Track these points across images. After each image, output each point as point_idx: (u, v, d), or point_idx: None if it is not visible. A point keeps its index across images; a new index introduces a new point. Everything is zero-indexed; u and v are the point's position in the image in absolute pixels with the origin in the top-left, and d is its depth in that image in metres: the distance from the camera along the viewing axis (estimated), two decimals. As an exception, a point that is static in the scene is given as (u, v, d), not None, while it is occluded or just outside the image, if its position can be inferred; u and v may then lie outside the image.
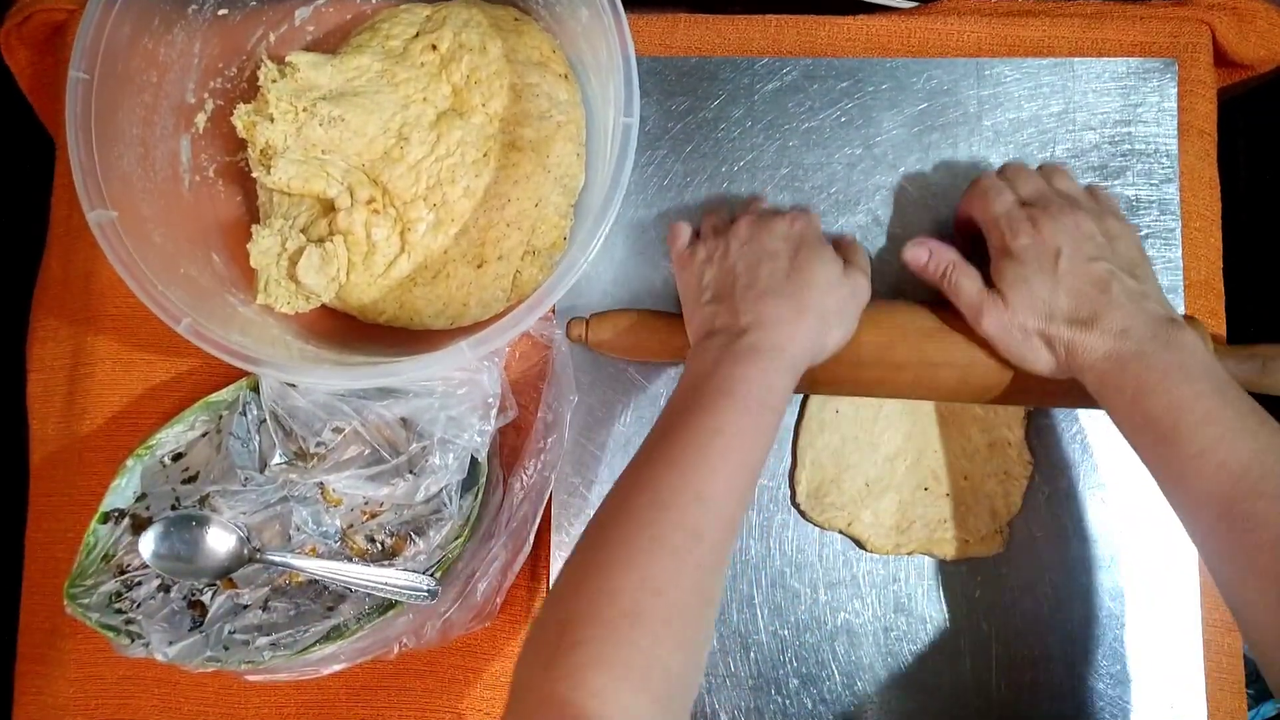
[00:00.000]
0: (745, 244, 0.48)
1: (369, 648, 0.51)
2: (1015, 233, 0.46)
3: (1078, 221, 0.46)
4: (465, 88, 0.54)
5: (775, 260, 0.46)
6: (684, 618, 0.37)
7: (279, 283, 0.52)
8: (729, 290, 0.46)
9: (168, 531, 0.50)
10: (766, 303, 0.45)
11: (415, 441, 0.51)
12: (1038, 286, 0.45)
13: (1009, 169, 0.51)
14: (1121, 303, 0.44)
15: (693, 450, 0.40)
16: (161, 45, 0.51)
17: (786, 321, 0.44)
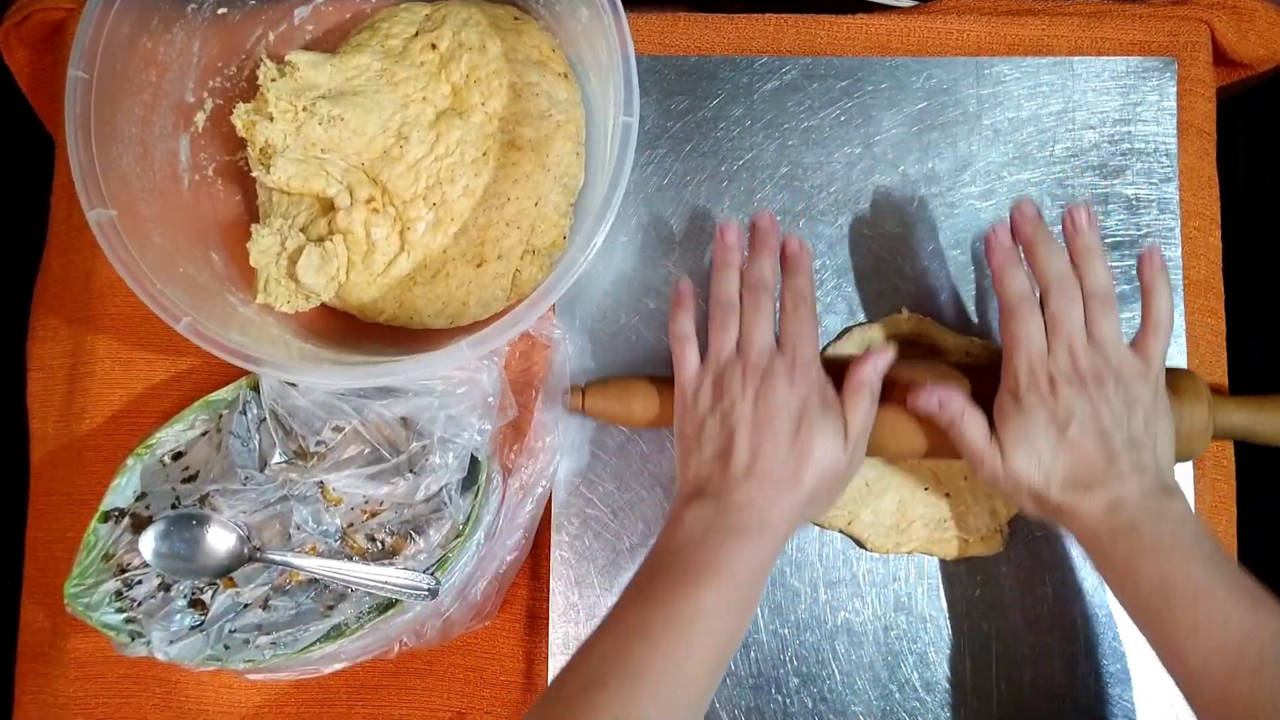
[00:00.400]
0: (750, 406, 0.45)
1: (369, 646, 0.51)
2: (1032, 389, 0.44)
3: (1105, 394, 0.44)
4: (464, 87, 0.54)
5: (777, 436, 0.44)
6: None
7: (279, 282, 0.52)
8: (727, 455, 0.45)
9: (168, 530, 0.50)
10: (764, 484, 0.44)
11: (415, 440, 0.51)
12: (1040, 446, 0.44)
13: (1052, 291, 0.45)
14: (1122, 474, 0.43)
15: (675, 626, 0.41)
16: (161, 44, 0.51)
17: (780, 501, 0.44)
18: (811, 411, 0.45)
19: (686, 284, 0.51)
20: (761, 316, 0.47)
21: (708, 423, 0.46)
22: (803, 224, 0.56)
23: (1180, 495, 0.44)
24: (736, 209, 0.56)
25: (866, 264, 0.56)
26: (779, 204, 0.56)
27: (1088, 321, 0.45)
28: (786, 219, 0.56)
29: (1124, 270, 0.55)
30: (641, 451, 0.55)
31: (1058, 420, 0.44)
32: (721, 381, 0.47)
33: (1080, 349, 0.44)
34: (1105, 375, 0.44)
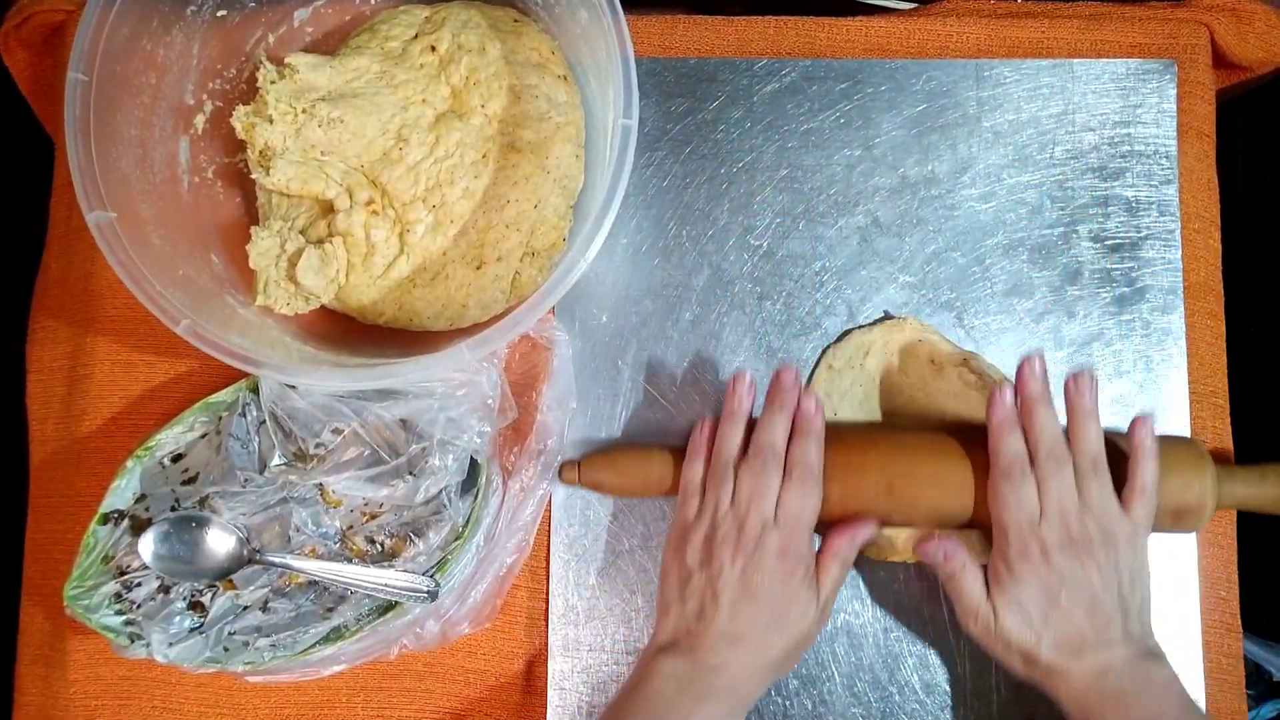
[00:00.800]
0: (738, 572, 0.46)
1: (369, 649, 0.51)
2: (1024, 561, 0.45)
3: (1094, 561, 0.45)
4: (464, 89, 0.54)
5: (759, 608, 0.46)
6: None
7: (278, 284, 0.52)
8: (709, 617, 0.46)
9: (167, 533, 0.50)
10: (740, 651, 0.46)
11: (415, 443, 0.51)
12: (1031, 612, 0.45)
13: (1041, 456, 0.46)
14: (1111, 642, 0.44)
15: None
16: (160, 46, 0.51)
17: (754, 667, 0.46)
18: (795, 586, 0.47)
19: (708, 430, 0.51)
20: (763, 484, 0.48)
21: (694, 579, 0.47)
22: (802, 226, 0.56)
23: (1164, 660, 0.45)
24: (736, 211, 0.56)
25: (866, 266, 0.56)
26: (778, 206, 0.56)
27: (1078, 482, 0.46)
28: (786, 221, 0.56)
29: (1124, 272, 0.55)
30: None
31: (1049, 588, 0.45)
32: (712, 543, 0.48)
33: (1071, 514, 0.45)
34: (1095, 541, 0.45)
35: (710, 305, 0.56)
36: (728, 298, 0.56)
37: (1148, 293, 0.55)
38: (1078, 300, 0.55)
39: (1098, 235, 0.56)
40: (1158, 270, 0.55)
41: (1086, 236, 0.56)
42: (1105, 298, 0.55)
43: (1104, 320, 0.55)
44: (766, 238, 0.56)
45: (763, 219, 0.56)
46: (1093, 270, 0.55)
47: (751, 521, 0.47)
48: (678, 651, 0.46)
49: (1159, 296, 0.55)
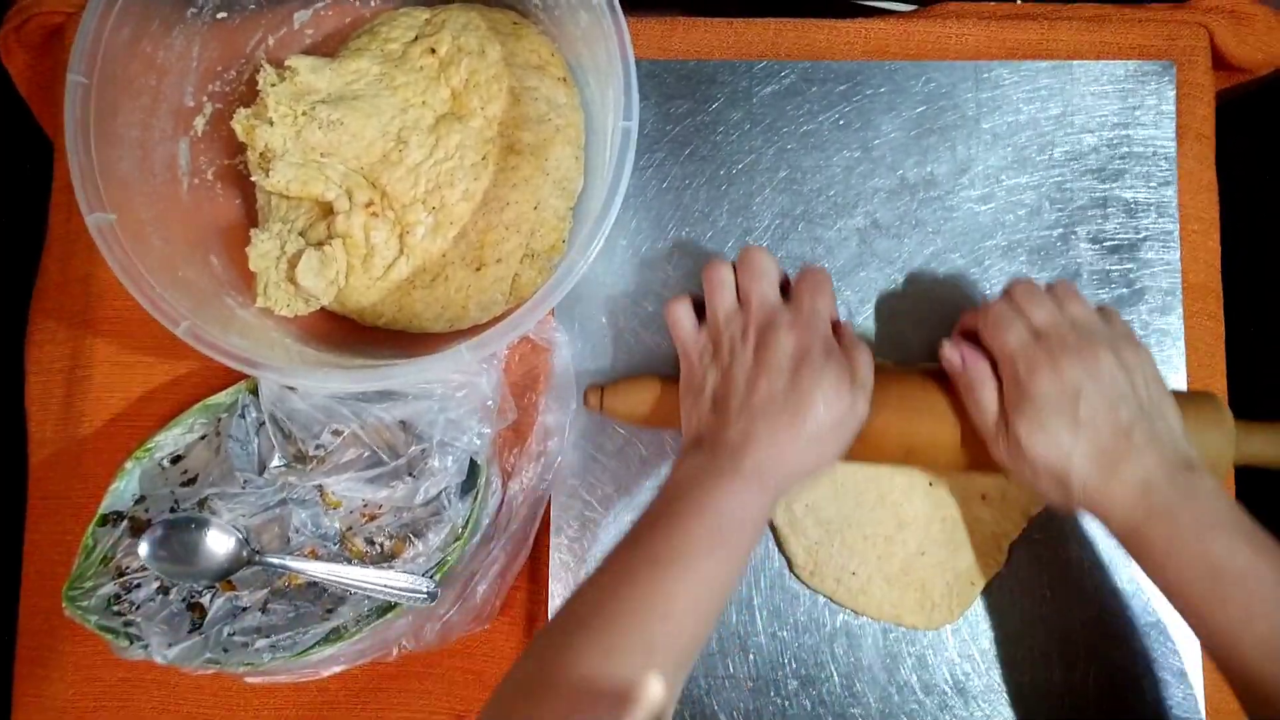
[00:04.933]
0: (750, 355, 0.45)
1: (368, 650, 0.51)
2: (1033, 372, 0.43)
3: (1097, 357, 0.43)
4: (464, 91, 0.54)
5: (777, 379, 0.44)
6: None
7: (278, 285, 0.52)
8: (725, 402, 0.44)
9: (167, 534, 0.50)
10: (758, 425, 0.43)
11: (414, 444, 0.51)
12: (1056, 433, 0.43)
13: (1017, 293, 0.47)
14: (1141, 448, 0.42)
15: (656, 567, 0.40)
16: (160, 48, 0.51)
17: (775, 444, 0.43)
18: (813, 357, 0.44)
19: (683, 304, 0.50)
20: (761, 276, 0.47)
21: (708, 373, 0.46)
22: (801, 227, 0.56)
23: (1205, 471, 0.43)
24: (735, 213, 0.56)
25: (865, 268, 0.56)
26: (778, 207, 0.56)
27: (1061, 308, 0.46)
28: (785, 222, 0.56)
29: (1123, 274, 0.55)
30: (641, 455, 0.55)
31: (1066, 399, 0.43)
32: (720, 337, 0.46)
33: (1062, 324, 0.45)
34: (1095, 342, 0.44)
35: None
36: (727, 299, 0.56)
37: (1146, 294, 0.55)
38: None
39: (1096, 237, 0.56)
40: (1156, 272, 0.55)
41: (1085, 238, 0.56)
42: (1104, 299, 0.55)
43: (1103, 322, 0.55)
44: (766, 239, 0.56)
45: (762, 220, 0.56)
46: (1092, 271, 0.55)
47: (756, 303, 0.46)
48: (701, 445, 0.44)
49: (1158, 298, 0.55)
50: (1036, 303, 0.46)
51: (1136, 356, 0.45)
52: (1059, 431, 0.43)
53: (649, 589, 0.40)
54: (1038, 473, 0.44)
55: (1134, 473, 0.42)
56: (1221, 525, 0.41)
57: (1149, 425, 0.43)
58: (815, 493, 0.53)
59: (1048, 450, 0.43)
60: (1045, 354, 0.44)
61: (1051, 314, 0.45)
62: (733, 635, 0.53)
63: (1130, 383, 0.44)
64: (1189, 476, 0.42)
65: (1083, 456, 0.43)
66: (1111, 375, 0.43)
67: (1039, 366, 0.43)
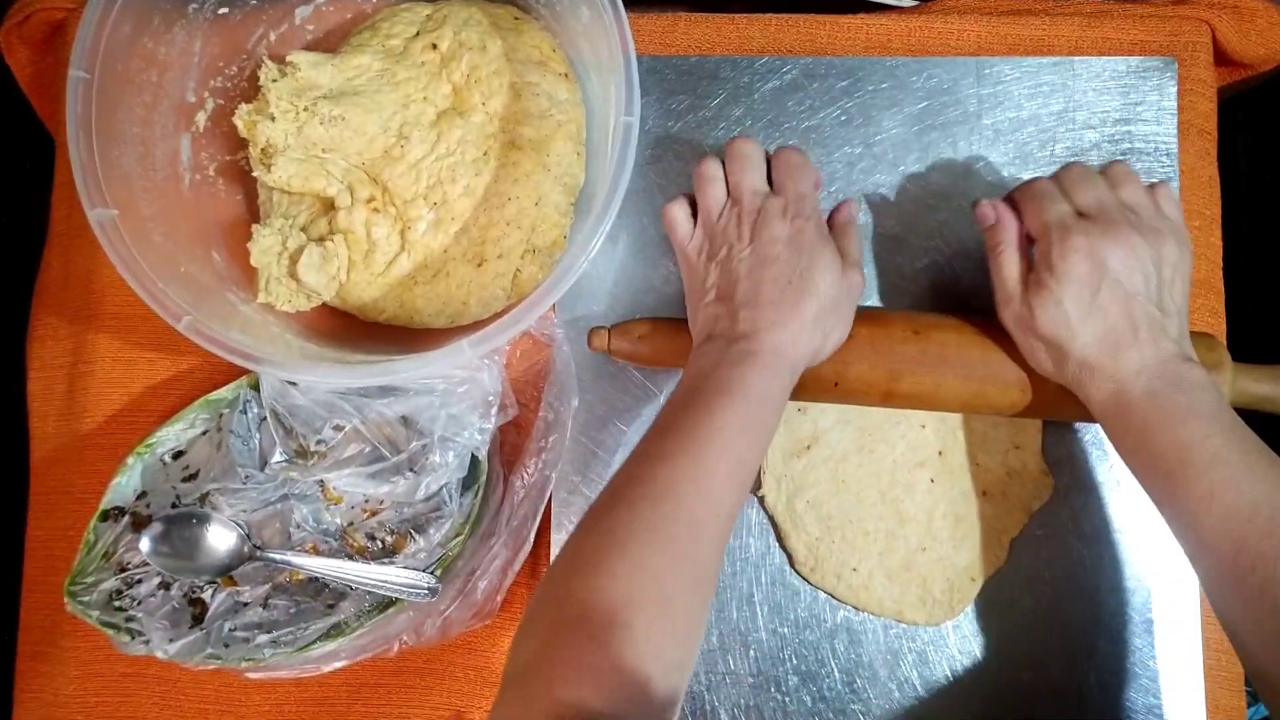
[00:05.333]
0: (747, 247, 0.46)
1: (369, 645, 0.51)
2: (1065, 247, 0.44)
3: (1132, 246, 0.43)
4: (465, 86, 0.54)
5: (776, 265, 0.45)
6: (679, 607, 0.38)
7: (280, 281, 0.52)
8: (730, 294, 0.46)
9: (168, 529, 0.50)
10: (766, 310, 0.45)
11: (415, 439, 0.51)
12: (1069, 309, 0.44)
13: (1067, 175, 0.47)
14: (1144, 341, 0.43)
15: (692, 446, 0.41)
16: (162, 44, 0.51)
17: (785, 326, 0.44)
18: (808, 241, 0.46)
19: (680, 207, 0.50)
20: (748, 164, 0.48)
21: (710, 272, 0.47)
22: (803, 224, 0.56)
23: (1198, 365, 0.43)
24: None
25: (866, 265, 0.56)
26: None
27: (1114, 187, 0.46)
28: (787, 219, 0.56)
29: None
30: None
31: (1091, 281, 0.43)
32: (715, 232, 0.47)
33: (1111, 205, 0.45)
34: (1142, 224, 0.44)
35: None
36: (728, 295, 0.56)
37: (1148, 290, 0.55)
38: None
39: (1098, 233, 0.55)
40: (1158, 268, 0.55)
41: (1087, 234, 0.55)
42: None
43: (1104, 318, 0.55)
44: (767, 235, 0.56)
45: (763, 217, 0.56)
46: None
47: (747, 195, 0.47)
48: (710, 339, 0.45)
49: (1159, 294, 0.55)
50: (1088, 185, 0.46)
51: (1177, 252, 0.44)
52: (1072, 310, 0.44)
53: (687, 467, 0.40)
54: (1039, 340, 0.45)
55: (1131, 360, 0.43)
56: (1200, 414, 0.41)
57: (1160, 322, 0.44)
58: (816, 488, 0.53)
59: (1056, 325, 0.44)
60: (1083, 234, 0.44)
61: (1101, 195, 0.45)
62: (733, 631, 0.53)
63: (1158, 281, 0.44)
64: (1181, 367, 0.43)
65: (1088, 337, 0.43)
66: (1143, 269, 0.44)
67: (1074, 245, 0.44)
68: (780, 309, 0.45)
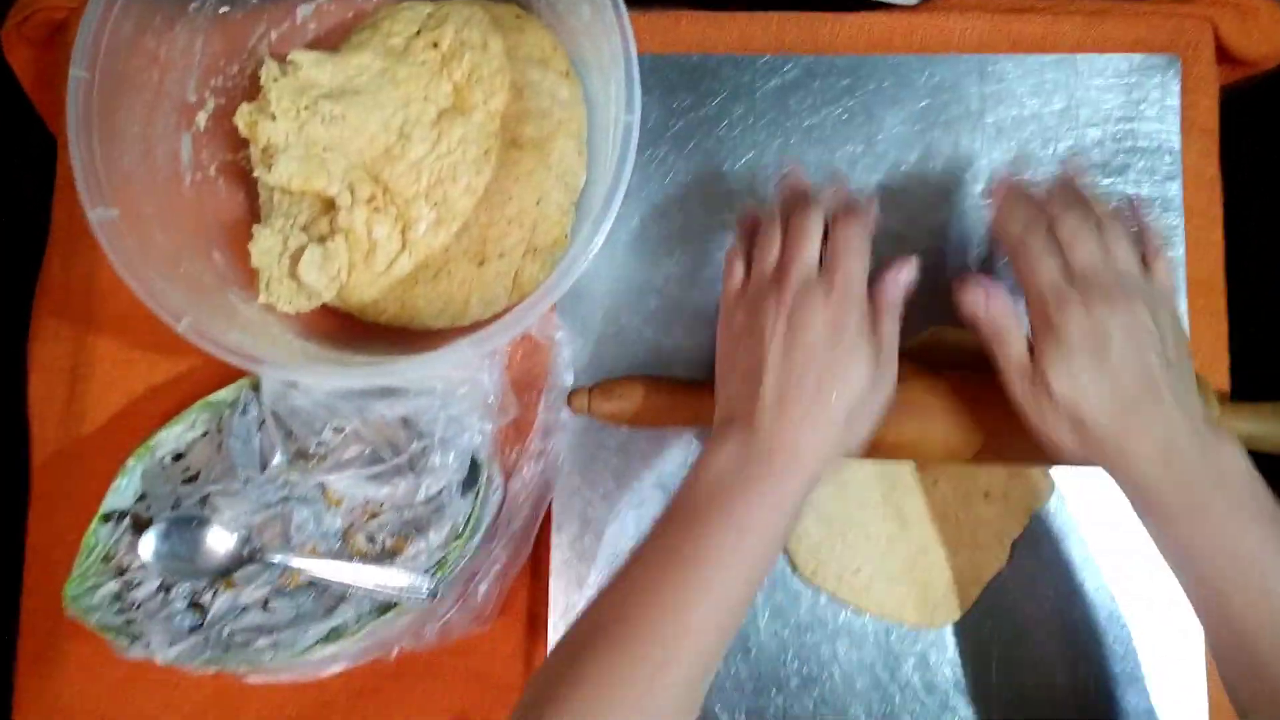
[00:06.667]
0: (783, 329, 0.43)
1: (369, 649, 0.51)
2: (1064, 313, 0.42)
3: (1132, 309, 0.41)
4: (466, 85, 0.54)
5: (808, 356, 0.42)
6: None
7: (280, 281, 0.52)
8: (756, 378, 0.43)
9: (168, 532, 0.50)
10: (793, 413, 0.42)
11: (416, 441, 0.51)
12: (1082, 376, 0.41)
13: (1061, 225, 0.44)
14: (1167, 402, 0.41)
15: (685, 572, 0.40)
16: (163, 43, 0.51)
17: (809, 435, 0.42)
18: (848, 337, 0.42)
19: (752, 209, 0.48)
20: (806, 230, 0.44)
21: (741, 345, 0.44)
22: (805, 223, 0.56)
23: (1232, 439, 0.41)
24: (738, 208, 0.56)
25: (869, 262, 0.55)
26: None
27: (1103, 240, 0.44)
28: (789, 218, 0.56)
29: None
30: (642, 452, 0.54)
31: (1096, 340, 0.41)
32: (757, 302, 0.44)
33: (1102, 265, 0.43)
34: (1132, 293, 0.42)
35: (713, 302, 0.56)
36: (730, 295, 0.56)
37: (1152, 289, 0.55)
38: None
39: (1101, 232, 0.55)
40: (1162, 267, 0.55)
41: (1090, 233, 0.55)
42: (1109, 295, 0.55)
43: (1108, 317, 0.55)
44: (769, 235, 0.56)
45: (765, 216, 0.56)
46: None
47: (794, 269, 0.44)
48: (732, 429, 0.43)
49: (1163, 293, 0.55)
50: (1080, 241, 0.43)
51: (1170, 318, 0.43)
52: (1085, 370, 0.41)
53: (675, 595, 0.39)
54: (1056, 414, 0.42)
55: (1155, 424, 0.40)
56: (1239, 499, 0.40)
57: (1176, 381, 0.41)
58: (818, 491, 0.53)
59: (1072, 388, 0.41)
60: (1078, 295, 0.42)
61: (1093, 256, 0.43)
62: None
63: (1160, 341, 0.42)
64: (1213, 441, 0.41)
65: (1105, 399, 0.41)
66: (1145, 328, 0.42)
67: (1070, 305, 0.42)
68: (809, 413, 0.42)
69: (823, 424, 0.42)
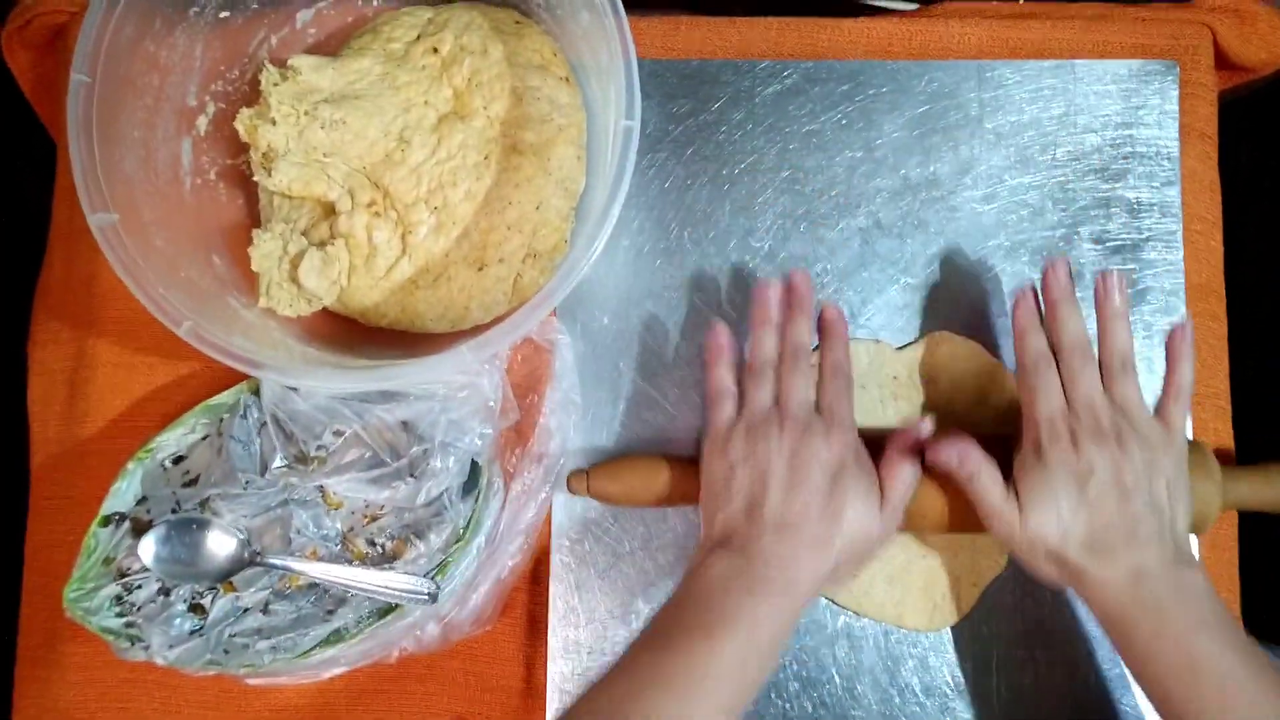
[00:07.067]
0: (785, 462, 0.44)
1: (369, 651, 0.51)
2: (1054, 442, 0.44)
3: (1125, 452, 0.43)
4: (466, 91, 0.54)
5: (810, 491, 0.44)
6: None
7: (281, 286, 0.52)
8: (758, 507, 0.44)
9: (168, 535, 0.50)
10: (794, 540, 0.43)
11: (416, 445, 0.51)
12: (1060, 503, 0.43)
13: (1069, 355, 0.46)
14: (1142, 542, 0.42)
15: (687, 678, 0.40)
16: (163, 48, 0.51)
17: (809, 561, 0.43)
18: (847, 471, 0.44)
19: (723, 332, 0.50)
20: (800, 375, 0.47)
21: (738, 472, 0.45)
22: (804, 228, 0.56)
23: (1199, 567, 0.43)
24: (737, 213, 0.56)
25: (868, 268, 0.56)
26: (780, 208, 0.56)
27: (1107, 382, 0.45)
28: (788, 223, 0.56)
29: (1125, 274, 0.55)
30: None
31: (1079, 476, 0.43)
32: (756, 431, 0.46)
33: (1100, 406, 0.44)
34: (1127, 434, 0.44)
35: (712, 307, 0.56)
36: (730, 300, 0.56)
37: (1149, 294, 0.55)
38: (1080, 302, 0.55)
39: (1099, 237, 0.55)
40: (1159, 272, 0.55)
41: (1088, 238, 0.55)
42: (1107, 299, 0.55)
43: (1106, 322, 0.55)
44: (768, 239, 0.56)
45: (764, 221, 0.56)
46: (1095, 272, 0.55)
47: (794, 404, 0.46)
48: (729, 548, 0.44)
49: (1161, 298, 0.55)
50: (1085, 376, 0.45)
51: (1171, 463, 0.44)
52: (1062, 505, 0.43)
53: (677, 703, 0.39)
54: (1034, 546, 0.44)
55: (1130, 561, 0.42)
56: (1207, 625, 0.41)
57: (1157, 522, 0.43)
58: None
59: (1047, 523, 0.43)
60: (1070, 431, 0.44)
61: (1095, 391, 0.45)
62: (735, 636, 0.53)
63: (1149, 485, 0.43)
64: (1181, 572, 0.42)
65: (1081, 536, 0.43)
66: (1134, 471, 0.43)
67: (1060, 440, 0.44)
68: (809, 542, 0.43)
69: (819, 555, 0.43)
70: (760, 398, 0.47)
